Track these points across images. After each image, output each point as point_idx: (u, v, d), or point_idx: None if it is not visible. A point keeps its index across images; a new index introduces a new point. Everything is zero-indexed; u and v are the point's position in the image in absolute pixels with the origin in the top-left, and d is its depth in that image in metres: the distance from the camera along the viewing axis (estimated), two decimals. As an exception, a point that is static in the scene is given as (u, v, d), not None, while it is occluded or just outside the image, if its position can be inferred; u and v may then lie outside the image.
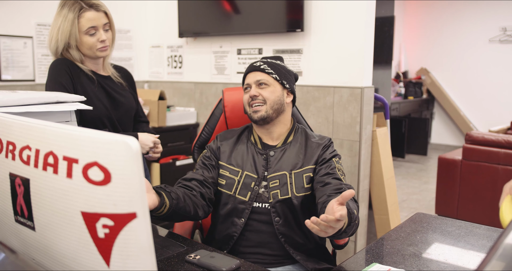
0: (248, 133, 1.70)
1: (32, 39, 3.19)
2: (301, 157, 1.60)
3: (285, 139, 1.64)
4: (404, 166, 6.28)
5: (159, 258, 1.32)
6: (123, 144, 0.66)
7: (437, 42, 7.36)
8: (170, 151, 3.42)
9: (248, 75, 1.65)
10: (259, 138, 1.65)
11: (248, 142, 1.66)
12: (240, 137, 1.69)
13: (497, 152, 3.43)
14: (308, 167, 1.58)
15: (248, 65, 1.68)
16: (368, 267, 1.29)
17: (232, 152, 1.64)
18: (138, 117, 2.07)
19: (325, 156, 1.59)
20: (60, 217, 0.77)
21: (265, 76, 1.62)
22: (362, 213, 2.82)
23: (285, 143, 1.63)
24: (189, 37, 3.62)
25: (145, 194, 0.67)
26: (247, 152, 1.63)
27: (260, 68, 1.63)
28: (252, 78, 1.63)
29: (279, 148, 1.62)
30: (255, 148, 1.63)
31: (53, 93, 1.38)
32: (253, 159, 1.61)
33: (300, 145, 1.63)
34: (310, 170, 1.57)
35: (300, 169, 1.57)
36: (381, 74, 3.86)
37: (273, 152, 1.61)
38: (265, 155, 1.61)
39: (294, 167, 1.58)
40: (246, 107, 1.64)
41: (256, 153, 1.62)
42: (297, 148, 1.62)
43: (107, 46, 1.85)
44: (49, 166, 0.77)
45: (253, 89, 1.61)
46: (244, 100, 1.64)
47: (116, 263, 0.71)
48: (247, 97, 1.63)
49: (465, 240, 1.53)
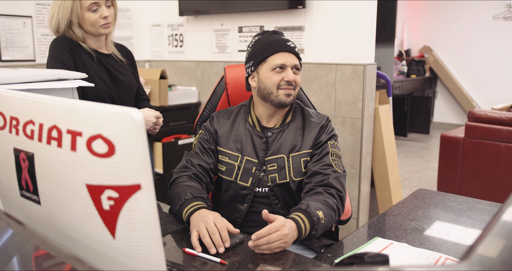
0: (245, 113, 1.64)
1: (31, 18, 3.16)
2: (299, 138, 1.56)
3: (283, 119, 1.60)
4: (406, 145, 6.28)
5: (163, 233, 1.34)
6: (127, 115, 0.66)
7: (441, 19, 7.27)
8: (172, 130, 3.42)
9: (281, 54, 1.52)
10: (258, 120, 1.60)
11: (246, 123, 1.61)
12: (237, 118, 1.63)
13: (500, 130, 3.42)
14: (305, 150, 1.54)
15: (272, 41, 1.55)
16: (370, 241, 1.30)
17: (230, 135, 1.59)
18: (139, 95, 2.07)
19: (321, 138, 1.56)
20: (65, 190, 0.77)
21: (297, 61, 1.56)
22: (364, 191, 2.84)
23: (283, 124, 1.59)
24: (190, 16, 3.58)
25: (150, 165, 0.67)
26: (245, 135, 1.58)
27: (295, 51, 1.56)
28: (289, 60, 1.53)
29: (277, 129, 1.58)
30: (254, 130, 1.58)
31: (54, 71, 1.38)
32: (252, 143, 1.57)
33: (298, 125, 1.59)
34: (307, 154, 1.54)
35: (298, 152, 1.54)
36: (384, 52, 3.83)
37: (271, 133, 1.57)
38: (264, 138, 1.56)
39: (292, 150, 1.55)
40: (273, 88, 1.52)
41: (255, 135, 1.57)
42: (295, 129, 1.58)
43: (109, 22, 1.84)
44: (53, 139, 0.77)
45: (290, 73, 1.52)
46: (275, 80, 1.51)
47: (121, 235, 0.71)
48: (279, 79, 1.51)
49: (467, 215, 1.54)
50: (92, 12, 1.79)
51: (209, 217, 1.25)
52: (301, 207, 1.31)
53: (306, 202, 1.35)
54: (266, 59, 1.54)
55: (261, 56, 1.54)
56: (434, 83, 7.50)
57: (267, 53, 1.53)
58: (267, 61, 1.53)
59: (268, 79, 1.53)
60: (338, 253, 1.27)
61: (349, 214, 1.70)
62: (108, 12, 1.81)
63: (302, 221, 1.26)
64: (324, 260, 1.22)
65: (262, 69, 1.55)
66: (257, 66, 1.56)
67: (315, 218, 1.29)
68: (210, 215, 1.26)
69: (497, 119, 3.48)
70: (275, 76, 1.52)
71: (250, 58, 1.59)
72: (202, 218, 1.25)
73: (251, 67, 1.58)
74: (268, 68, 1.53)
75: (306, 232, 1.27)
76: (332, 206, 1.40)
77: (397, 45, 7.41)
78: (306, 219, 1.28)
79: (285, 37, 1.59)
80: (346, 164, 2.80)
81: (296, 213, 1.29)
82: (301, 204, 1.33)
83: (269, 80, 1.53)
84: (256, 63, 1.56)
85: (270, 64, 1.53)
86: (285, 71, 1.52)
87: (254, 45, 1.59)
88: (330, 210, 1.39)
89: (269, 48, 1.53)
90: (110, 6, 1.84)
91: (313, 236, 1.31)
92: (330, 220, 1.38)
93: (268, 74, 1.53)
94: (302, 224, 1.26)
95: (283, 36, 1.59)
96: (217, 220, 1.24)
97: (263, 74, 1.54)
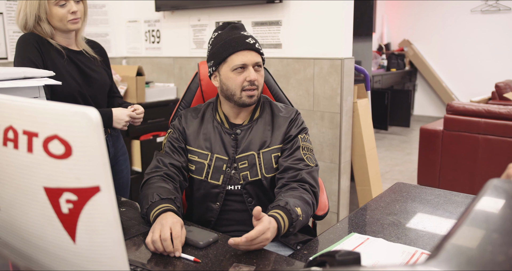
0: (212, 111, 1.59)
1: (2, 15, 3.08)
2: (268, 134, 1.53)
3: (251, 116, 1.56)
4: (387, 138, 6.33)
5: (136, 233, 1.31)
6: (82, 114, 0.63)
7: (420, 13, 7.32)
8: (151, 128, 3.37)
9: (240, 54, 1.46)
10: (225, 117, 1.57)
11: (214, 121, 1.57)
12: (204, 116, 1.59)
13: (477, 122, 3.46)
14: (275, 146, 1.51)
15: (230, 39, 1.47)
16: (346, 237, 1.29)
17: (199, 134, 1.55)
18: (112, 93, 2.02)
19: (291, 132, 1.53)
20: (23, 194, 0.74)
21: (259, 58, 1.50)
22: (344, 185, 2.84)
23: (251, 120, 1.55)
24: (166, 11, 3.53)
25: (108, 166, 0.65)
26: (214, 132, 1.54)
27: (255, 47, 1.48)
28: (249, 59, 1.46)
29: (246, 125, 1.54)
30: (222, 128, 1.54)
31: (20, 69, 1.34)
32: (221, 140, 1.53)
33: (266, 121, 1.55)
34: (277, 150, 1.52)
35: (268, 148, 1.51)
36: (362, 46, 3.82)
37: (240, 131, 1.53)
38: (233, 134, 1.53)
39: (262, 146, 1.51)
40: (236, 90, 1.47)
41: (224, 132, 1.54)
42: (264, 124, 1.55)
43: (78, 18, 1.79)
44: (9, 141, 0.74)
45: (252, 72, 1.46)
46: (237, 82, 1.46)
47: (82, 239, 0.69)
48: (241, 80, 1.46)
49: (444, 208, 1.54)
50: (60, 7, 1.74)
51: (167, 221, 1.21)
52: (280, 204, 1.29)
53: (284, 198, 1.33)
54: (226, 59, 1.48)
55: (220, 56, 1.48)
56: (414, 77, 7.56)
57: (226, 53, 1.47)
58: (227, 62, 1.48)
59: (230, 81, 1.48)
60: (314, 250, 1.25)
61: (326, 209, 1.69)
62: (77, 7, 1.77)
63: (282, 220, 1.25)
64: (300, 258, 1.21)
65: (223, 70, 1.49)
66: (217, 66, 1.51)
67: (294, 215, 1.27)
68: (169, 219, 1.22)
69: (475, 112, 3.51)
70: (237, 77, 1.47)
71: (210, 58, 1.53)
72: (161, 222, 1.22)
73: (212, 67, 1.53)
74: (229, 69, 1.47)
75: (285, 230, 1.26)
76: (308, 202, 1.39)
77: (376, 39, 7.45)
78: (285, 217, 1.26)
79: (246, 32, 1.52)
80: (325, 158, 2.80)
81: (276, 210, 1.27)
82: (280, 201, 1.31)
83: (231, 81, 1.48)
84: (217, 63, 1.50)
85: (230, 65, 1.47)
86: (246, 71, 1.47)
87: (213, 43, 1.52)
88: (307, 205, 1.37)
89: (227, 47, 1.47)
90: (79, 1, 1.79)
91: (290, 233, 1.29)
92: (307, 216, 1.37)
93: (229, 75, 1.48)
94: (282, 223, 1.24)
95: (243, 32, 1.52)
96: (174, 226, 1.20)
97: (224, 74, 1.49)
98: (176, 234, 1.17)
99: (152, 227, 1.23)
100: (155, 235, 1.17)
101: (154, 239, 1.16)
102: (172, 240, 1.16)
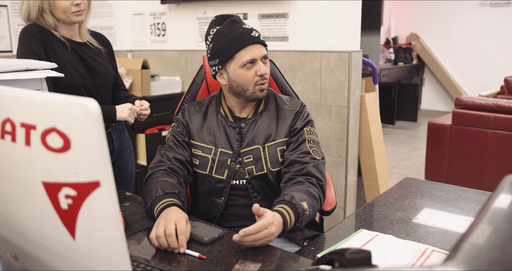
0: (216, 105, 1.57)
1: (7, 8, 3.06)
2: (273, 127, 1.50)
3: (256, 109, 1.54)
4: (394, 133, 6.27)
5: (140, 228, 1.28)
6: (80, 106, 0.60)
7: (427, 7, 7.23)
8: (156, 121, 3.35)
9: (248, 49, 1.42)
10: (230, 111, 1.54)
11: (218, 114, 1.54)
12: (208, 110, 1.56)
13: (487, 116, 3.40)
14: (281, 139, 1.49)
15: (235, 35, 1.43)
16: (355, 234, 1.26)
17: (202, 128, 1.53)
18: (118, 86, 1.99)
19: (297, 125, 1.50)
20: (21, 189, 0.72)
21: (265, 50, 1.47)
22: (351, 180, 2.80)
23: (255, 114, 1.53)
24: (172, 3, 3.50)
25: (109, 160, 0.62)
26: (218, 126, 1.52)
27: (261, 40, 1.45)
28: (257, 53, 1.43)
29: (250, 119, 1.51)
30: (226, 121, 1.52)
31: (21, 61, 1.31)
32: (225, 134, 1.50)
33: (271, 114, 1.53)
34: (283, 143, 1.49)
35: (273, 142, 1.49)
36: (370, 39, 3.78)
37: (244, 124, 1.51)
38: (238, 128, 1.50)
39: (267, 140, 1.49)
40: (249, 86, 1.45)
41: (228, 126, 1.51)
42: (269, 118, 1.52)
43: (82, 10, 1.76)
44: (7, 134, 0.71)
45: (262, 66, 1.43)
46: (249, 78, 1.44)
47: (81, 235, 0.66)
48: (253, 75, 1.43)
49: (454, 204, 1.50)
50: None
51: (172, 216, 1.18)
52: (285, 199, 1.26)
53: (289, 193, 1.30)
54: (234, 56, 1.44)
55: (227, 54, 1.44)
56: (422, 71, 7.48)
57: (234, 50, 1.43)
58: (235, 58, 1.44)
59: (241, 77, 1.45)
60: (321, 246, 1.23)
61: (333, 204, 1.66)
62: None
63: (288, 214, 1.22)
64: (307, 254, 1.18)
65: (230, 67, 1.46)
66: (224, 64, 1.47)
67: (300, 210, 1.24)
68: (174, 214, 1.20)
69: (484, 106, 3.46)
70: (247, 72, 1.44)
71: (214, 56, 1.48)
72: (165, 216, 1.19)
73: (217, 65, 1.48)
74: (238, 66, 1.44)
75: (291, 225, 1.23)
76: (315, 195, 1.36)
77: (384, 33, 7.37)
78: (291, 212, 1.23)
79: (247, 25, 1.48)
80: (332, 153, 2.76)
81: (281, 205, 1.24)
82: (285, 195, 1.28)
83: (243, 78, 1.45)
84: (223, 61, 1.46)
85: (239, 62, 1.43)
86: (255, 65, 1.44)
87: (215, 40, 1.47)
88: (314, 199, 1.34)
89: (234, 44, 1.43)
90: None
91: (297, 228, 1.27)
92: (314, 210, 1.34)
93: (239, 72, 1.44)
94: (288, 218, 1.21)
95: (244, 25, 1.47)
96: (179, 222, 1.17)
97: (233, 72, 1.45)
98: (181, 229, 1.15)
99: (156, 221, 1.20)
100: (159, 230, 1.14)
101: (159, 235, 1.14)
102: (177, 235, 1.14)
